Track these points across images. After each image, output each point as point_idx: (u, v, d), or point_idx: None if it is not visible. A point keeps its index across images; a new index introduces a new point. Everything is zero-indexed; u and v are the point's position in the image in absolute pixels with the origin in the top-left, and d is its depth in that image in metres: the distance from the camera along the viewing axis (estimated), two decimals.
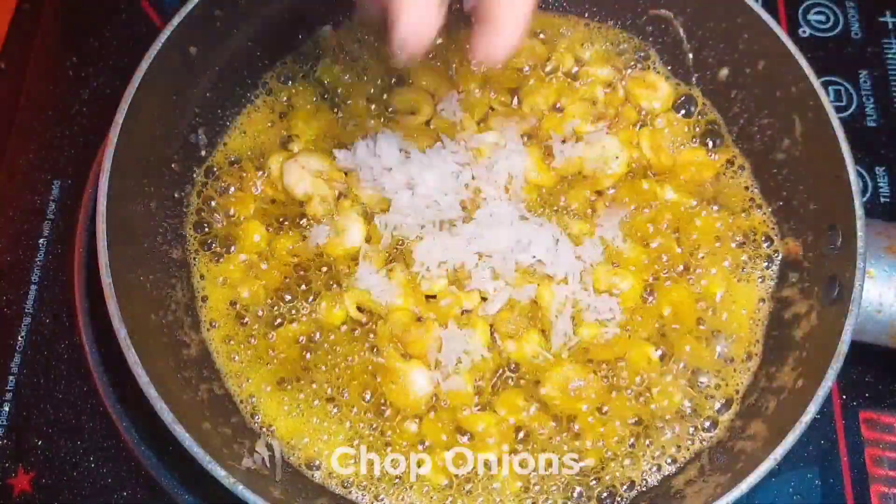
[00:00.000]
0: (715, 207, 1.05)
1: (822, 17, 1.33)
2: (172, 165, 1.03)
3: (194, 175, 1.06)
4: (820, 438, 1.04)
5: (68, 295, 1.10)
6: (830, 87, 1.26)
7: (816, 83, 0.96)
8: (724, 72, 1.09)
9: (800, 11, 1.33)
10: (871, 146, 1.22)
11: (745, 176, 1.07)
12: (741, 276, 1.02)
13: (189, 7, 0.98)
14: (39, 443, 1.03)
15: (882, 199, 1.18)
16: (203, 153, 1.07)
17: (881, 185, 1.19)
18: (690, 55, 1.12)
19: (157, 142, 1.00)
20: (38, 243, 1.15)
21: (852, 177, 0.91)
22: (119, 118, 0.91)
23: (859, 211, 0.90)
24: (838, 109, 1.24)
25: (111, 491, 1.01)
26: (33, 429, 1.04)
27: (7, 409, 1.05)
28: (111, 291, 0.85)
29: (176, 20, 0.97)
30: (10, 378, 1.07)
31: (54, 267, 1.13)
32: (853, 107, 1.25)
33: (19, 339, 1.09)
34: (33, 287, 1.12)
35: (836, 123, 0.94)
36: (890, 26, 1.32)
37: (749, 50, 1.04)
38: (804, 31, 1.31)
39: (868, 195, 1.18)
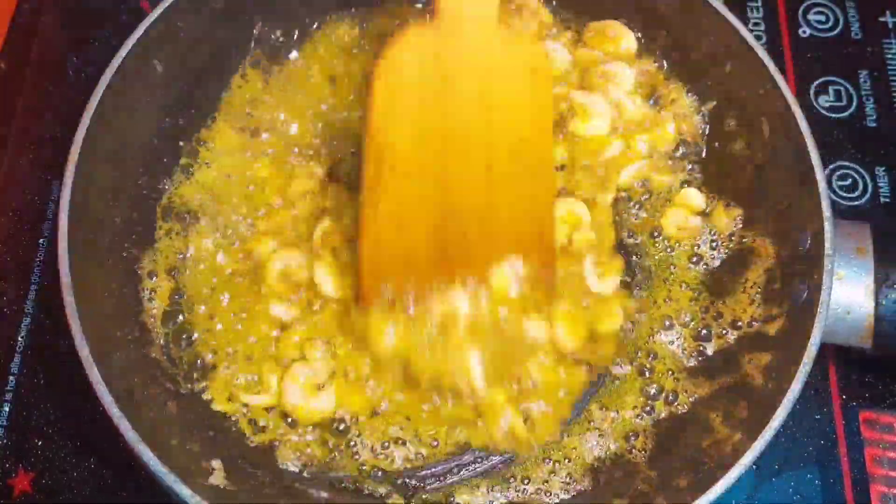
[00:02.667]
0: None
1: (822, 17, 1.33)
2: (139, 182, 1.02)
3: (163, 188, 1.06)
4: (820, 438, 1.05)
5: None
6: (830, 87, 1.27)
7: (782, 82, 0.95)
8: (701, 79, 1.09)
9: (800, 11, 1.33)
10: (871, 146, 1.22)
11: (715, 177, 1.07)
12: (717, 281, 1.02)
13: (148, 21, 0.97)
14: (39, 443, 1.03)
15: (882, 200, 1.18)
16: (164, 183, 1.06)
17: (881, 185, 1.19)
18: (665, 60, 1.12)
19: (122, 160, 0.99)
20: (38, 243, 1.15)
21: (819, 177, 0.91)
22: (80, 135, 0.91)
23: (827, 212, 0.89)
24: (838, 109, 1.24)
25: (111, 491, 1.01)
26: (33, 429, 1.04)
27: (7, 409, 1.05)
28: (73, 311, 0.84)
29: (138, 33, 0.96)
30: (10, 378, 1.07)
31: (54, 267, 1.13)
32: (853, 107, 1.25)
33: (19, 339, 1.09)
34: (33, 287, 1.12)
35: (803, 124, 0.93)
36: (890, 26, 1.32)
37: (716, 52, 1.04)
38: (804, 31, 1.31)
39: (868, 195, 1.19)
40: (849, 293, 0.90)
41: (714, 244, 1.04)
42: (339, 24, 1.14)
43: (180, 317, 1.00)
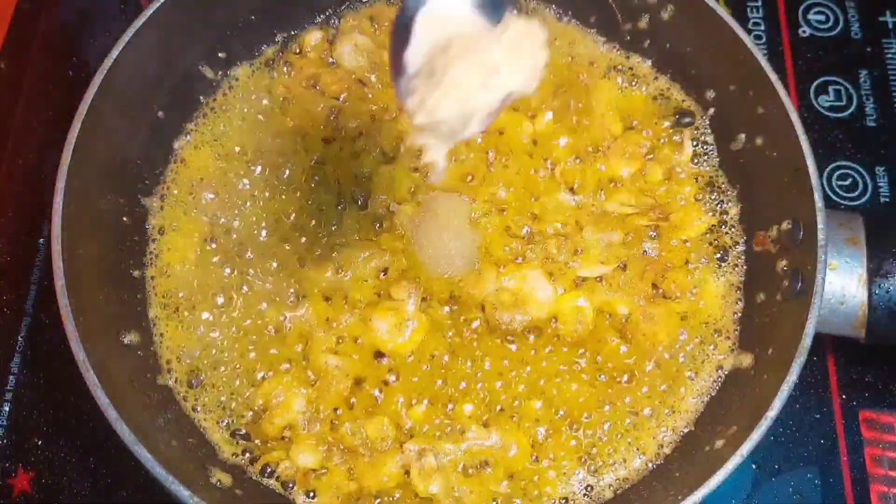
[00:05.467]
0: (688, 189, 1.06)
1: (822, 17, 1.33)
2: (122, 218, 1.02)
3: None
4: (820, 438, 1.05)
5: None
6: (830, 87, 1.27)
7: (773, 75, 0.96)
8: (692, 71, 1.09)
9: (800, 11, 1.33)
10: (871, 146, 1.22)
11: (710, 168, 1.08)
12: (710, 271, 1.02)
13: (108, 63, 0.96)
14: (39, 443, 1.03)
15: (882, 199, 1.18)
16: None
17: (881, 185, 1.19)
18: (670, 69, 1.12)
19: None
20: (38, 243, 1.15)
21: (811, 169, 0.91)
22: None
23: (819, 203, 0.90)
24: (838, 109, 1.24)
25: (111, 491, 1.01)
26: (33, 429, 1.04)
27: (7, 409, 1.05)
28: (69, 313, 0.84)
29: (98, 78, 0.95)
30: (10, 378, 1.07)
31: None
32: (853, 107, 1.25)
33: (19, 339, 1.09)
34: (33, 287, 1.12)
35: (794, 116, 0.94)
36: (890, 26, 1.32)
37: (709, 45, 1.04)
38: (804, 31, 1.31)
39: (868, 195, 1.19)
40: (842, 283, 0.92)
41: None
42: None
43: (179, 317, 1.00)
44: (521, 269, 0.99)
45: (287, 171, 1.06)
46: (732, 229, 1.04)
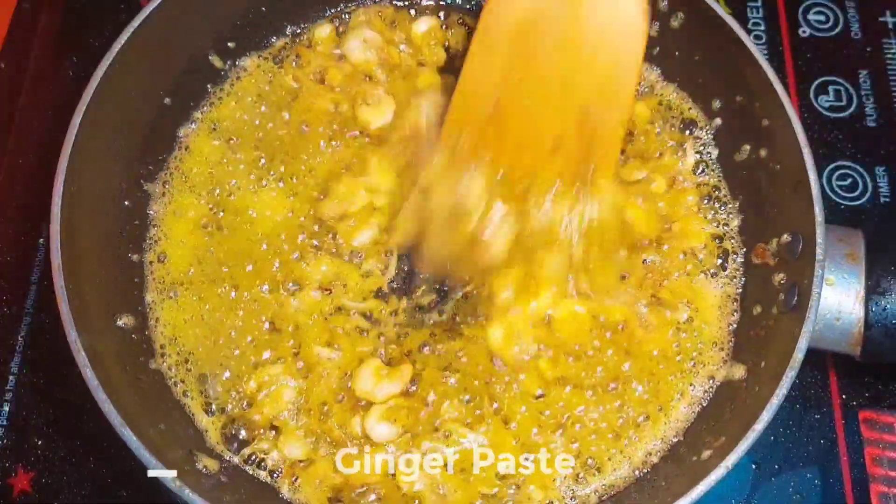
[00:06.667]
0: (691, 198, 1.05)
1: (822, 17, 1.33)
2: (126, 203, 1.02)
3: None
4: (820, 438, 1.05)
5: None
6: (830, 87, 1.27)
7: (779, 86, 0.95)
8: (699, 80, 1.09)
9: (800, 11, 1.33)
10: (871, 146, 1.22)
11: (713, 179, 1.07)
12: (708, 282, 1.02)
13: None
14: (39, 443, 1.03)
15: (882, 199, 1.18)
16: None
17: (881, 185, 1.19)
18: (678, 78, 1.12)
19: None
20: (37, 243, 1.15)
21: (813, 182, 0.90)
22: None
23: (819, 217, 0.89)
24: (838, 109, 1.24)
25: (111, 491, 1.01)
26: (33, 429, 1.04)
27: (7, 409, 1.05)
28: (63, 294, 0.84)
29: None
30: (11, 378, 1.07)
31: None
32: (853, 107, 1.25)
33: (19, 339, 1.09)
34: (33, 287, 1.12)
35: (798, 130, 0.93)
36: (890, 26, 1.32)
37: (718, 55, 1.04)
38: (804, 31, 1.31)
39: (868, 195, 1.19)
40: (839, 299, 0.90)
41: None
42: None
43: (175, 302, 1.00)
44: (519, 273, 0.99)
45: (290, 164, 1.06)
46: (732, 240, 1.03)
